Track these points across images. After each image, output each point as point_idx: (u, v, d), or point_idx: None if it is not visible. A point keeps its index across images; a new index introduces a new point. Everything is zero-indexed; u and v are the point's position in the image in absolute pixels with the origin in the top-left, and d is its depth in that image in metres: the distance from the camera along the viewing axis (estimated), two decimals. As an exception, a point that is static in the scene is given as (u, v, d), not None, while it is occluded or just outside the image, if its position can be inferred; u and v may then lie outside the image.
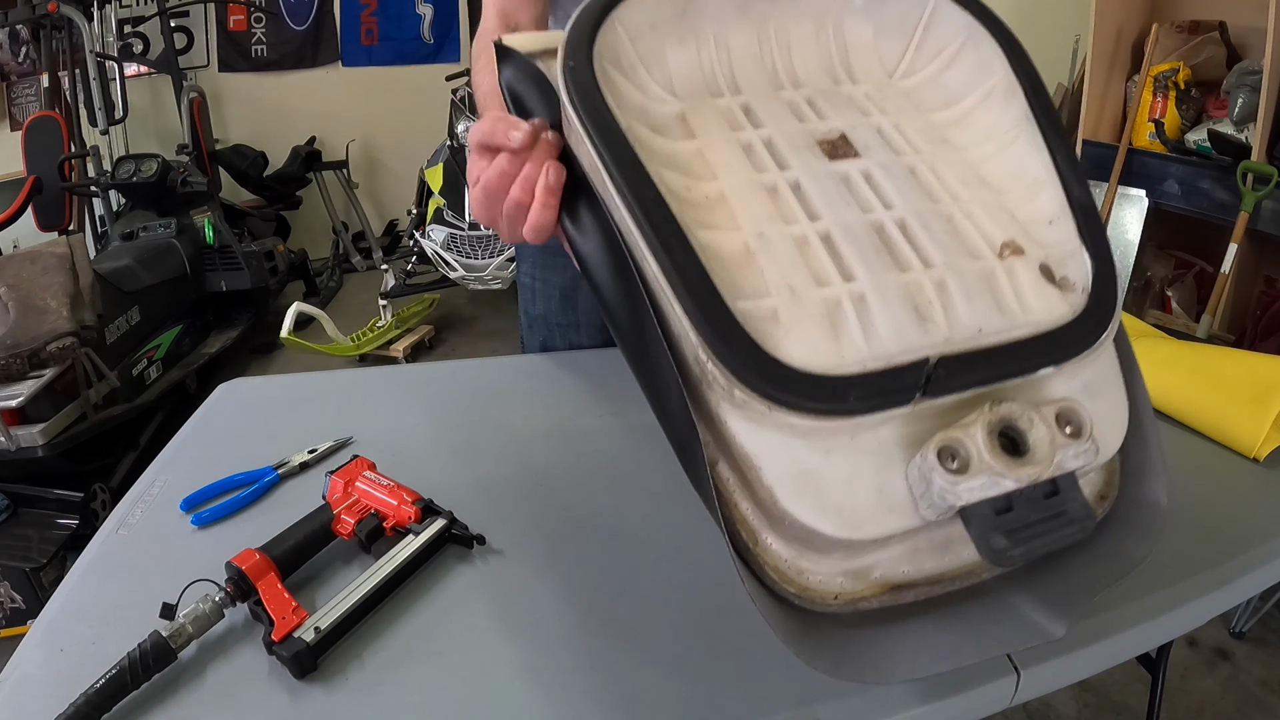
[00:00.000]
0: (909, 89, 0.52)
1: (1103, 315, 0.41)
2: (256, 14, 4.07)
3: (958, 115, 0.50)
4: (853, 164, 0.45)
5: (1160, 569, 0.61)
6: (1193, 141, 2.11)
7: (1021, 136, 0.47)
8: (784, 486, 0.37)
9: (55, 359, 1.71)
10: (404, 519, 0.60)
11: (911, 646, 0.41)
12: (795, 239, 0.40)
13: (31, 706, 0.47)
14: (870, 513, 0.37)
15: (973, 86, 0.50)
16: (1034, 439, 0.36)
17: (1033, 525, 0.36)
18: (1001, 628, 0.41)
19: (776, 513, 0.38)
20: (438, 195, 2.91)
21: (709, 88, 0.49)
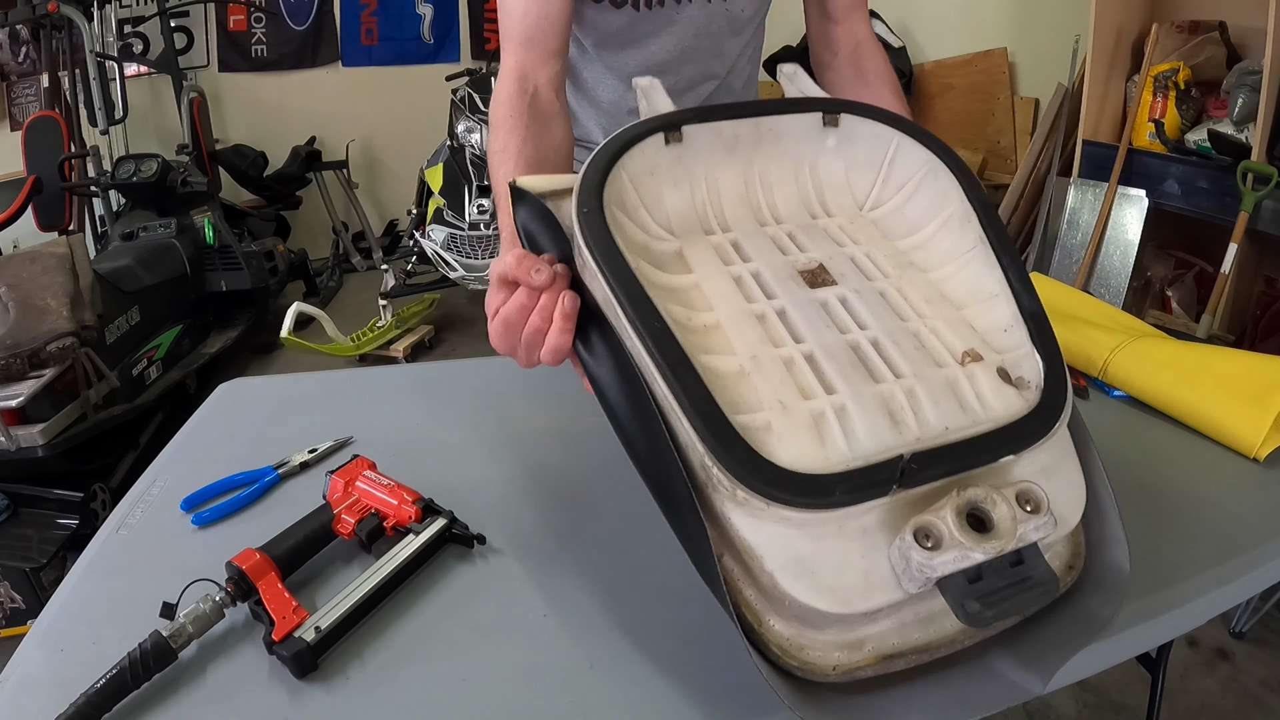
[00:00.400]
0: (877, 218, 0.60)
1: (1054, 408, 0.47)
2: (256, 14, 4.07)
3: (920, 241, 0.58)
4: (830, 291, 0.52)
5: (1160, 569, 0.61)
6: (1193, 141, 2.11)
7: (976, 257, 0.55)
8: (784, 572, 0.42)
9: (55, 359, 1.71)
10: (404, 519, 0.60)
11: (904, 708, 0.45)
12: (783, 359, 0.47)
13: (32, 706, 0.47)
14: (859, 590, 0.42)
15: (932, 215, 0.58)
16: (998, 517, 0.41)
17: (1001, 591, 0.41)
18: (986, 689, 0.46)
19: (777, 595, 0.43)
20: (438, 195, 2.92)
21: (702, 225, 0.57)
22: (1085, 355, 0.93)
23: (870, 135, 0.61)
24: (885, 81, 0.89)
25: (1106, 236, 2.29)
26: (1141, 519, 0.67)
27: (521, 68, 0.76)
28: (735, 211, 0.58)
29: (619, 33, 0.89)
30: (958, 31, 3.05)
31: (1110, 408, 0.88)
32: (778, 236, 0.57)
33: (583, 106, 0.99)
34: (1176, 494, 0.71)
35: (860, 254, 0.56)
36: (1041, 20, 2.77)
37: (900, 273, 0.55)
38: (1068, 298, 1.09)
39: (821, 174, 0.61)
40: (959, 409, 0.46)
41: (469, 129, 2.98)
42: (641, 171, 0.55)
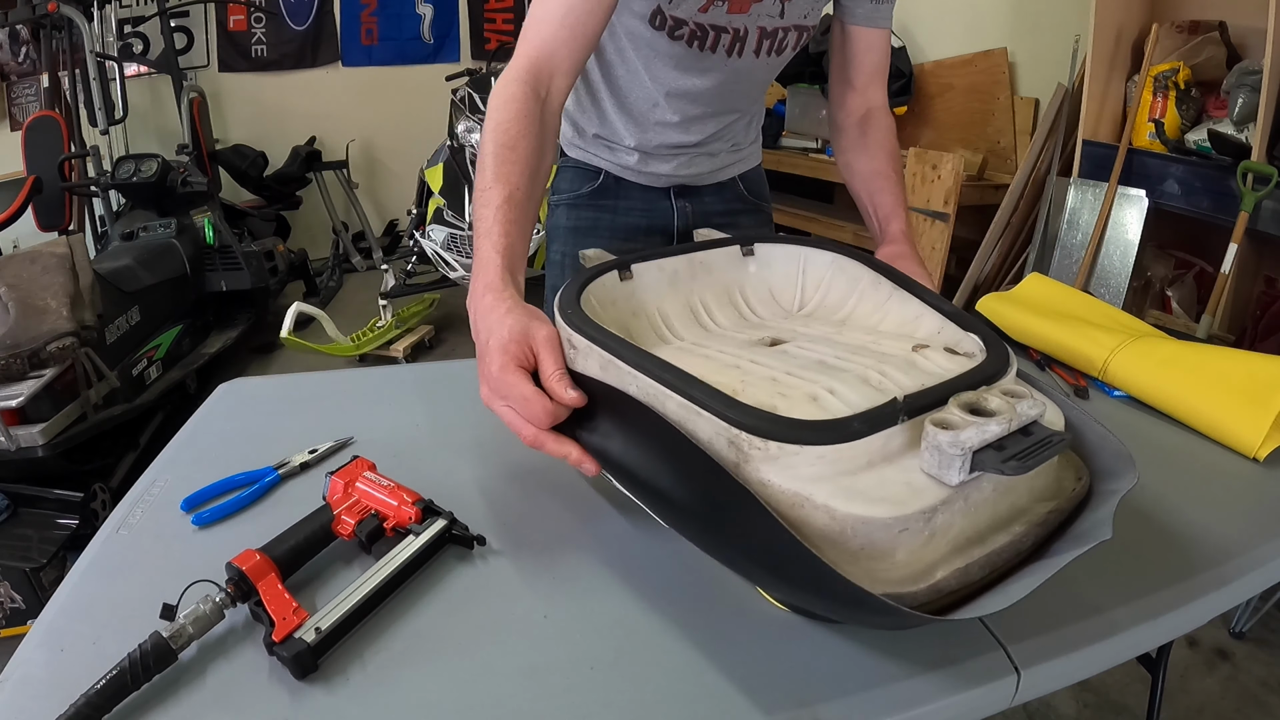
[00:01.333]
0: (807, 315, 0.75)
1: (1002, 357, 0.55)
2: (256, 14, 4.07)
3: (846, 314, 0.72)
4: (788, 345, 0.64)
5: (1160, 569, 0.61)
6: (1193, 141, 2.11)
7: (895, 299, 0.69)
8: (835, 499, 0.45)
9: (55, 359, 1.71)
10: (404, 519, 0.60)
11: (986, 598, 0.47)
12: (767, 378, 0.55)
13: (32, 707, 0.47)
14: (908, 494, 0.45)
15: (849, 294, 0.73)
16: (994, 405, 0.48)
17: (1026, 449, 0.45)
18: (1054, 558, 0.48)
19: (837, 530, 0.45)
20: (438, 195, 2.92)
21: (661, 339, 0.70)
22: (1085, 355, 0.93)
23: (782, 256, 0.76)
24: (883, 149, 0.99)
25: (1106, 236, 2.29)
26: (1141, 519, 0.67)
27: (537, 73, 0.75)
28: (684, 327, 0.71)
29: (667, 57, 0.93)
30: (958, 31, 3.05)
31: (1110, 408, 0.88)
32: (725, 336, 0.70)
33: (615, 108, 1.02)
34: (1176, 494, 0.72)
35: (802, 327, 0.69)
36: (1041, 20, 2.77)
37: (839, 329, 0.68)
38: (1068, 298, 1.09)
39: (749, 293, 0.76)
40: (924, 374, 0.55)
41: (469, 129, 2.98)
42: (605, 301, 0.67)
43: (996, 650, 0.52)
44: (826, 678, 0.50)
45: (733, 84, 0.98)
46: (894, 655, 0.52)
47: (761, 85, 1.05)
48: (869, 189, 0.98)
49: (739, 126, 1.07)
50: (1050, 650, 0.53)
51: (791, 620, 0.55)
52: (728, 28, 0.89)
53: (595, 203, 1.08)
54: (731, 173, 1.12)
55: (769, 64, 0.97)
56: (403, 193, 4.05)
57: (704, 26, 0.89)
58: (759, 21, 0.90)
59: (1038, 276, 1.14)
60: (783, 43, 0.95)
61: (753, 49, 0.93)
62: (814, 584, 0.44)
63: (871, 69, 1.01)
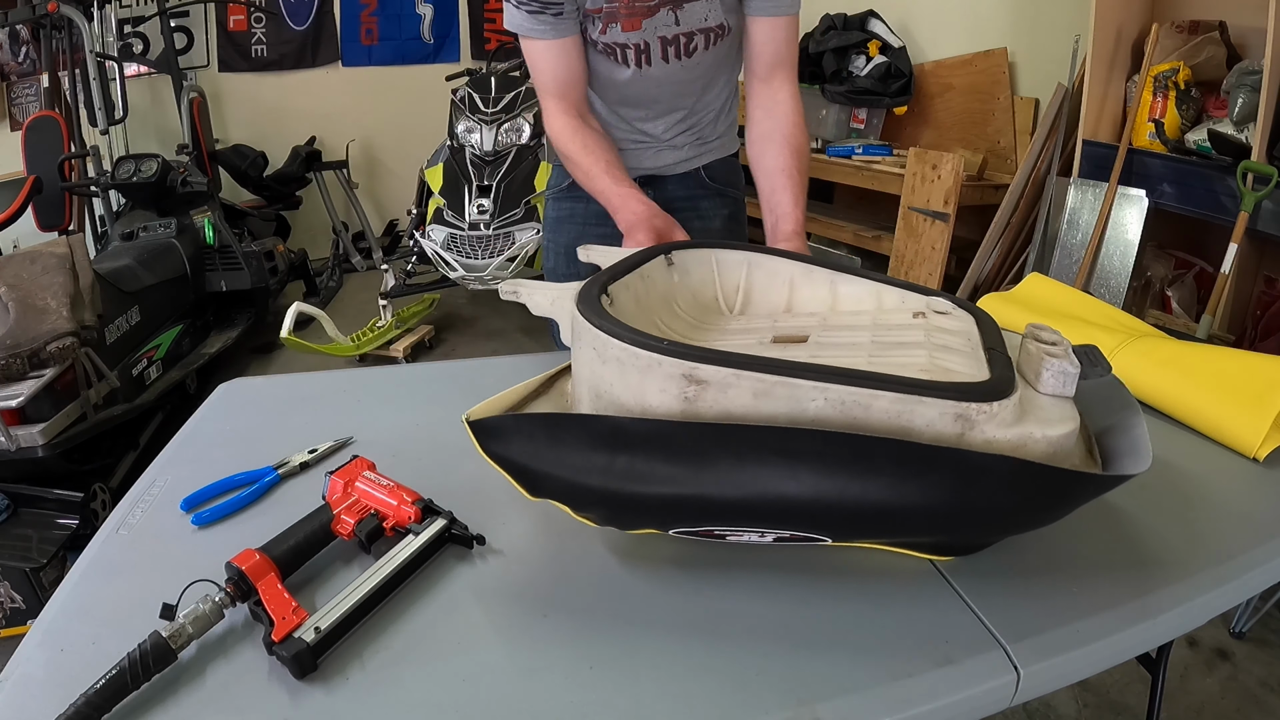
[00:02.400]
0: (747, 316, 0.75)
1: (978, 309, 0.65)
2: (256, 14, 4.07)
3: (786, 306, 0.75)
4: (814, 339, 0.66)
5: (1160, 569, 0.61)
6: (1193, 141, 2.10)
7: (839, 282, 0.73)
8: (1047, 429, 0.51)
9: (55, 359, 1.71)
10: (404, 519, 0.60)
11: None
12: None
13: (32, 706, 0.47)
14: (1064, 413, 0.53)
15: (774, 287, 0.75)
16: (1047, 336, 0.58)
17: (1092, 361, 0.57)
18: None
19: (1051, 450, 0.52)
20: (438, 195, 2.91)
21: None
22: (1085, 355, 0.93)
23: (696, 260, 0.76)
24: (787, 145, 1.01)
25: (1106, 236, 2.29)
26: (1142, 519, 0.67)
27: (565, 108, 1.01)
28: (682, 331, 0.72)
29: (599, 71, 1.06)
30: (958, 31, 3.05)
31: (1110, 408, 0.88)
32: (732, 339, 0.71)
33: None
34: (1176, 494, 0.72)
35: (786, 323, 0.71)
36: (1041, 20, 2.77)
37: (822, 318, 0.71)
38: (1068, 298, 1.09)
39: (681, 303, 0.75)
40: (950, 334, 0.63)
41: (469, 129, 2.97)
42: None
43: (996, 650, 0.52)
44: (826, 678, 0.50)
45: (656, 87, 1.06)
46: (894, 655, 0.52)
47: (691, 85, 1.08)
48: (770, 185, 1.00)
49: (700, 122, 1.14)
50: (1050, 650, 0.53)
51: (790, 620, 0.55)
52: (628, 44, 1.00)
53: (572, 194, 1.18)
54: (697, 163, 1.19)
55: (687, 65, 1.03)
56: (403, 193, 4.05)
57: (610, 45, 1.01)
58: (658, 33, 0.99)
59: (1038, 276, 1.14)
60: (690, 46, 1.01)
61: (660, 56, 1.01)
62: (1061, 496, 0.52)
63: (773, 58, 1.01)
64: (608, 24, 0.98)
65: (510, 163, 2.89)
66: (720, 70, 1.10)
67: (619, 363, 0.51)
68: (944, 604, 0.56)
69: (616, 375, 0.52)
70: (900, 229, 2.78)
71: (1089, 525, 0.66)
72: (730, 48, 1.06)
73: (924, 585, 0.59)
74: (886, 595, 0.57)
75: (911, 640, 0.53)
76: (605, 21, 0.98)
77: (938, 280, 2.68)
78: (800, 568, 0.60)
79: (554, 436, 0.52)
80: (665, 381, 0.49)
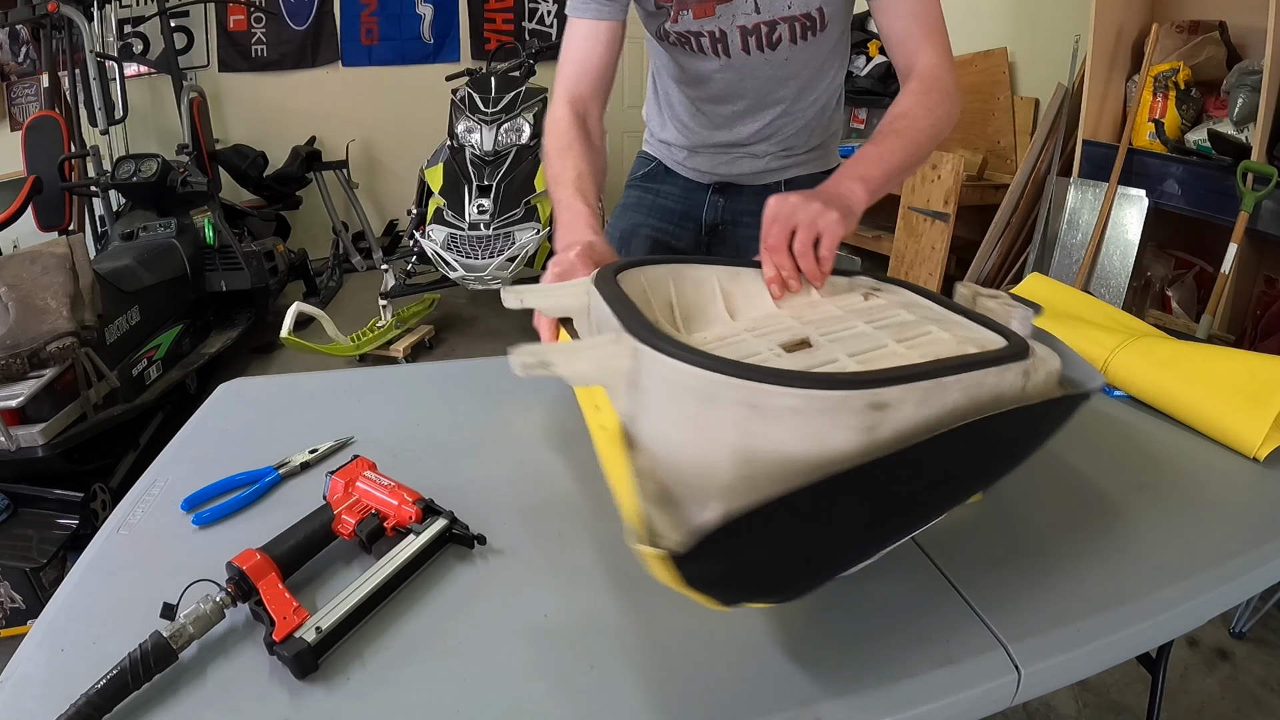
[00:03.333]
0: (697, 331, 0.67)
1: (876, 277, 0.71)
2: (256, 14, 4.07)
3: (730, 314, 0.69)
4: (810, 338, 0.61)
5: (1160, 569, 0.61)
6: (1193, 141, 2.11)
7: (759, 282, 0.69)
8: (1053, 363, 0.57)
9: (55, 359, 1.71)
10: (404, 519, 0.60)
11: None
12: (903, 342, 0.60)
13: (32, 706, 0.47)
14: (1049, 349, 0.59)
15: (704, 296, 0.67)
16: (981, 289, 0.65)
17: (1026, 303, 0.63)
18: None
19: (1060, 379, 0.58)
20: (438, 195, 2.91)
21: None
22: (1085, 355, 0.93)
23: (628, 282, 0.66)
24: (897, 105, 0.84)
25: (1106, 236, 2.29)
26: (1142, 519, 0.67)
27: (573, 101, 0.93)
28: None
29: (675, 64, 1.03)
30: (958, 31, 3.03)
31: (1110, 408, 0.88)
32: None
33: (670, 115, 1.13)
34: (1176, 494, 0.72)
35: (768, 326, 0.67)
36: (1041, 20, 2.77)
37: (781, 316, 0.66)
38: (1068, 298, 1.09)
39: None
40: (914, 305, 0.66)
41: (469, 129, 2.97)
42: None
43: (997, 650, 0.52)
44: (826, 678, 0.50)
45: (738, 82, 1.00)
46: (894, 655, 0.52)
47: (782, 83, 1.00)
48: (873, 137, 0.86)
49: (786, 129, 1.06)
50: (1050, 650, 0.53)
51: (791, 620, 0.55)
52: (703, 31, 0.94)
53: (644, 185, 1.19)
54: (779, 176, 1.11)
55: (770, 59, 0.96)
56: (403, 193, 4.05)
57: (684, 35, 0.96)
58: (736, 21, 0.93)
59: (1038, 276, 1.14)
60: (774, 36, 0.94)
61: (739, 47, 0.95)
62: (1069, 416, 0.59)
63: (900, 34, 0.88)
64: (679, 10, 0.93)
65: (510, 163, 2.89)
66: (817, 71, 1.01)
67: (794, 412, 0.43)
68: (944, 604, 0.57)
69: (789, 426, 0.43)
70: (900, 229, 2.78)
71: (1089, 525, 0.66)
72: (827, 45, 0.98)
73: (924, 585, 0.59)
74: (886, 595, 0.57)
75: (911, 640, 0.53)
76: (676, 8, 0.93)
77: (938, 280, 2.68)
78: (800, 568, 0.60)
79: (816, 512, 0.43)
80: (851, 417, 0.43)
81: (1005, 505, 0.69)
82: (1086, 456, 0.78)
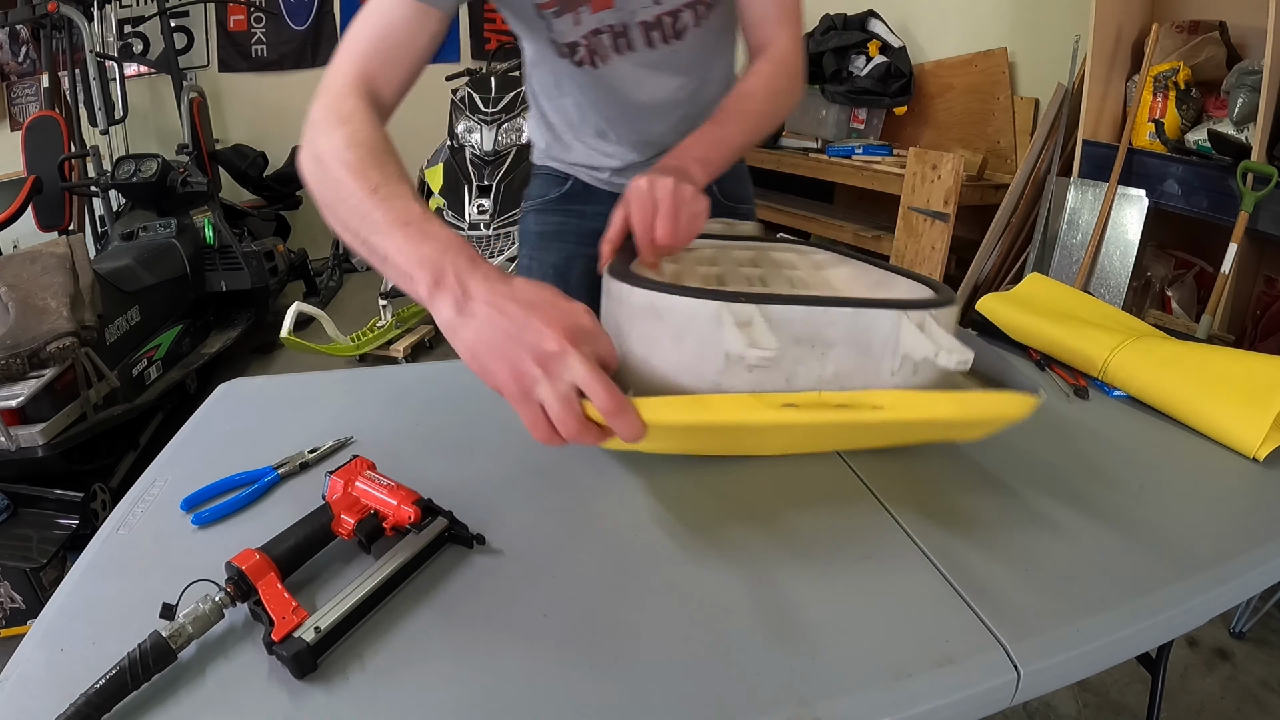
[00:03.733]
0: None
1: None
2: (256, 14, 4.07)
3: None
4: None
5: (1160, 569, 0.61)
6: (1193, 141, 2.11)
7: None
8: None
9: (55, 359, 1.71)
10: (404, 519, 0.60)
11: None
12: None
13: (31, 706, 0.47)
14: None
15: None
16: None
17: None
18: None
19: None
20: (438, 195, 2.92)
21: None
22: (1085, 355, 0.93)
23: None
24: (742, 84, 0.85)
25: (1106, 236, 2.29)
26: (1142, 519, 0.67)
27: (365, 70, 0.71)
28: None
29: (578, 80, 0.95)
30: (958, 31, 3.05)
31: (1110, 408, 0.88)
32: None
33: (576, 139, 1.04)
34: (1176, 494, 0.72)
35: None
36: (1041, 20, 2.77)
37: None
38: (1068, 298, 1.09)
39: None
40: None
41: (469, 129, 2.98)
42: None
43: (997, 650, 0.52)
44: (826, 678, 0.50)
45: (643, 81, 0.93)
46: (894, 655, 0.52)
47: (688, 73, 0.94)
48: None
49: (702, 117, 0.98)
50: (1050, 650, 0.53)
51: (790, 620, 0.55)
52: (601, 27, 0.86)
53: (563, 207, 1.08)
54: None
55: (678, 49, 0.90)
56: (403, 193, 4.04)
57: (578, 43, 0.87)
58: (637, 16, 0.86)
59: (1038, 276, 1.14)
60: (678, 26, 0.88)
61: (643, 42, 0.88)
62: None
63: (760, 15, 0.87)
64: (576, 8, 0.83)
65: (510, 163, 2.89)
66: (715, 51, 0.96)
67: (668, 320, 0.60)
68: (944, 604, 0.56)
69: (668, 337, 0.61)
70: (900, 229, 2.78)
71: (1089, 525, 0.66)
72: (721, 19, 0.92)
73: (924, 585, 0.59)
74: (886, 595, 0.57)
75: (911, 640, 0.53)
76: (568, 7, 0.83)
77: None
78: (800, 568, 0.60)
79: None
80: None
81: (1005, 505, 0.69)
82: (1086, 456, 0.78)
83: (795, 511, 0.67)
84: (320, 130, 0.64)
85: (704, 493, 0.69)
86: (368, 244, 0.57)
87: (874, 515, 0.67)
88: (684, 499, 0.68)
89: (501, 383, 0.53)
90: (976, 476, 0.73)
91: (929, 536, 0.64)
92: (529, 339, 0.51)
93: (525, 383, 0.52)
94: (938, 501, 0.69)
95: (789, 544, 0.63)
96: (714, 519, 0.66)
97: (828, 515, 0.67)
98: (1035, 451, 0.78)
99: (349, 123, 0.64)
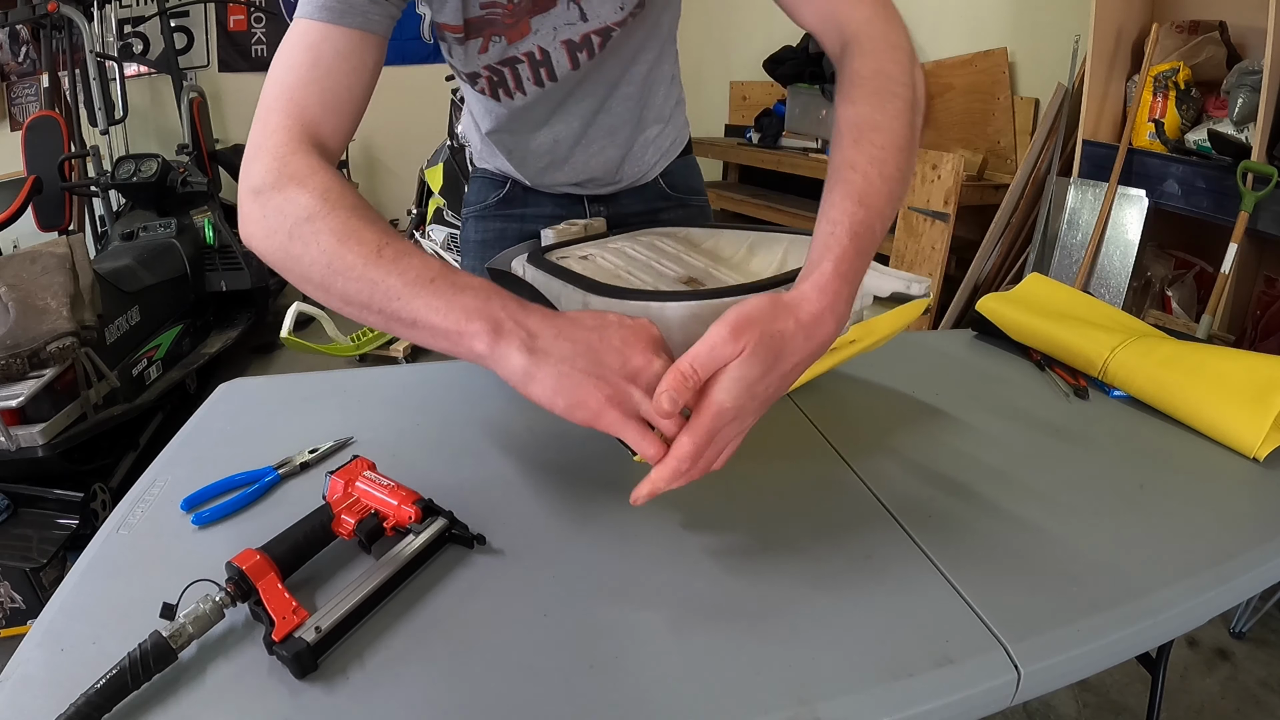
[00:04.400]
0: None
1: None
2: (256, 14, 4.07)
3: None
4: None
5: (1160, 569, 0.61)
6: (1193, 141, 2.11)
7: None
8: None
9: (55, 359, 1.71)
10: (404, 519, 0.60)
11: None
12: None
13: (32, 706, 0.47)
14: None
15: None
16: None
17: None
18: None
19: None
20: (438, 195, 2.92)
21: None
22: (1085, 355, 0.93)
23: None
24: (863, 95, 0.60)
25: (1106, 236, 2.29)
26: (1141, 519, 0.67)
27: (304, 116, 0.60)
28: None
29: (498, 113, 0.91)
30: (958, 31, 3.05)
31: (1110, 408, 0.88)
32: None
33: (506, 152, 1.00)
34: (1176, 494, 0.72)
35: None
36: (1041, 20, 2.77)
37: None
38: (1068, 298, 1.09)
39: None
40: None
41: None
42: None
43: (997, 650, 0.52)
44: (826, 678, 0.50)
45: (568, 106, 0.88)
46: (894, 655, 0.52)
47: (609, 76, 0.87)
48: (828, 183, 0.58)
49: (628, 135, 0.95)
50: (1050, 650, 0.53)
51: (790, 620, 0.55)
52: (519, 54, 0.79)
53: (503, 212, 1.03)
54: (652, 172, 1.03)
55: (602, 65, 0.83)
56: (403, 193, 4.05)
57: (495, 69, 0.80)
58: (559, 36, 0.78)
59: (1038, 276, 1.14)
60: (604, 42, 0.81)
61: (568, 65, 0.81)
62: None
63: (825, 8, 0.65)
64: (488, 39, 0.76)
65: (510, 163, 2.89)
66: (635, 72, 0.88)
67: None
68: (944, 604, 0.57)
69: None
70: (900, 229, 2.78)
71: (1089, 525, 0.66)
72: (659, 10, 0.83)
73: (924, 585, 0.59)
74: (886, 595, 0.57)
75: (911, 640, 0.53)
76: (481, 35, 0.76)
77: (938, 281, 2.68)
78: (800, 568, 0.60)
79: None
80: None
81: (1005, 505, 0.69)
82: (1086, 456, 0.78)
83: (795, 512, 0.67)
84: (273, 199, 0.55)
85: (704, 492, 0.69)
86: (385, 313, 0.51)
87: (874, 515, 0.67)
88: (684, 499, 0.68)
89: (598, 411, 0.48)
90: (977, 476, 0.73)
91: (929, 536, 0.64)
92: (611, 360, 0.48)
93: (625, 403, 0.48)
94: (938, 502, 0.69)
95: (789, 544, 0.63)
96: (714, 519, 0.66)
97: (828, 515, 0.67)
98: (1035, 451, 0.78)
99: (309, 184, 0.55)
